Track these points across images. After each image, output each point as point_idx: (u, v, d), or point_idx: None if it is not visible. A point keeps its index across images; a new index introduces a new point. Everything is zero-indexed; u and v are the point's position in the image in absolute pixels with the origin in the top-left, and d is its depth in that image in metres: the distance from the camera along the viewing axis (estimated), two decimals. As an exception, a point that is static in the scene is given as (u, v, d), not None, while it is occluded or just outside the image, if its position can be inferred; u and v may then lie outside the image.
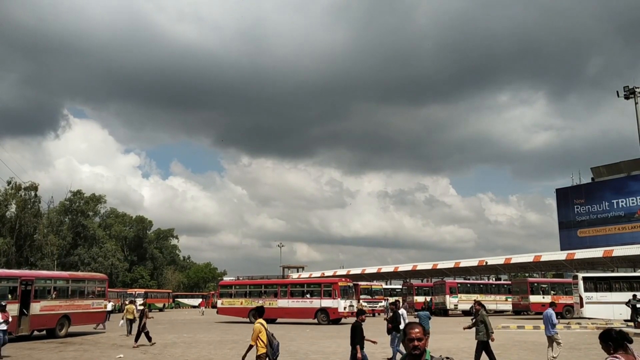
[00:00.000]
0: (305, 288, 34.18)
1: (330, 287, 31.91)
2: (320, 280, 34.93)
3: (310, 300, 31.98)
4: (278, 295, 33.38)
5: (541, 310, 39.09)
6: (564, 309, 38.52)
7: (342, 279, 36.34)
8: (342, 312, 30.41)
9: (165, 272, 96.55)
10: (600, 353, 14.27)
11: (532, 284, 40.78)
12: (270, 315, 33.18)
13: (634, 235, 48.49)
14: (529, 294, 39.29)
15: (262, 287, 35.41)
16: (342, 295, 31.18)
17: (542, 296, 39.30)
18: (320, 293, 31.93)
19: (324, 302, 31.03)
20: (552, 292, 39.89)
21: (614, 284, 31.91)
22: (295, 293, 33.16)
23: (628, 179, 53.07)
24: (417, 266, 61.57)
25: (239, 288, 36.27)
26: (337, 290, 31.10)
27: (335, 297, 30.83)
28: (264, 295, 33.98)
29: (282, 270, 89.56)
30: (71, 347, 18.92)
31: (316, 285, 34.01)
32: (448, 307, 43.78)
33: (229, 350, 17.52)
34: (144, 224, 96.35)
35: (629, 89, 28.42)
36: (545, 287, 40.89)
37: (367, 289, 44.24)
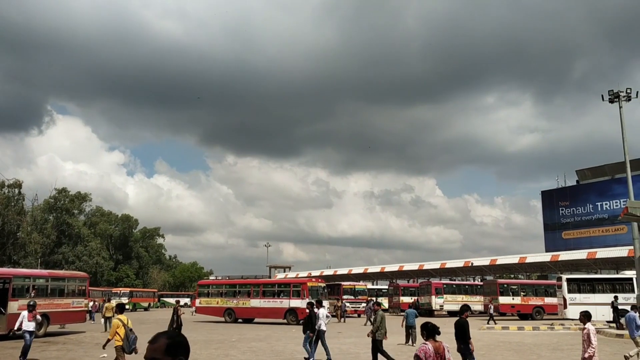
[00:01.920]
0: (276, 288, 34.13)
1: (299, 287, 31.98)
2: (289, 280, 35.02)
3: (280, 300, 32.01)
4: (251, 295, 33.58)
5: (510, 311, 39.53)
6: (534, 310, 38.84)
7: (311, 279, 36.36)
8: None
9: (151, 271, 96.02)
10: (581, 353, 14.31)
11: (501, 285, 40.94)
12: (243, 315, 33.18)
13: (617, 238, 49.05)
14: (498, 295, 39.48)
15: (236, 287, 35.90)
16: (311, 295, 31.22)
17: (512, 297, 39.57)
18: (289, 293, 32.00)
19: (293, 303, 31.03)
20: (522, 293, 40.13)
21: (597, 285, 32.26)
22: (267, 293, 33.19)
23: (612, 182, 53.70)
24: (404, 267, 61.78)
25: (216, 288, 36.99)
26: (305, 290, 31.14)
27: (304, 297, 30.85)
28: (239, 295, 34.28)
29: (269, 270, 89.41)
30: (54, 347, 18.76)
31: (286, 286, 34.05)
32: (434, 308, 43.91)
33: (214, 350, 17.47)
34: (130, 222, 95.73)
35: (613, 92, 28.63)
36: (515, 288, 41.08)
37: (350, 289, 44.01)
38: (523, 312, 39.35)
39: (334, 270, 71.96)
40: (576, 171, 59.66)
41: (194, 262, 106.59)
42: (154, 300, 71.85)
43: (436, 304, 43.97)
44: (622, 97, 28.40)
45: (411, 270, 61.00)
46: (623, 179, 34.04)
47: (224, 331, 26.11)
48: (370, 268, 67.22)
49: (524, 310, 39.45)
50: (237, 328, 28.96)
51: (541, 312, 39.06)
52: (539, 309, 39.02)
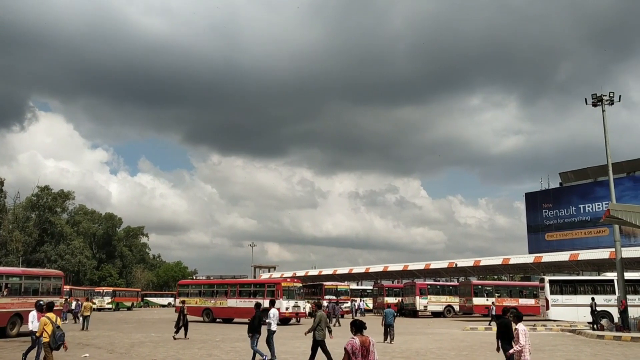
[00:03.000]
0: (252, 288, 34.05)
1: (274, 287, 31.96)
2: (264, 280, 34.98)
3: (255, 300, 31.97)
4: (228, 295, 33.59)
5: (484, 312, 39.85)
6: None
7: (287, 280, 36.29)
8: (283, 313, 30.21)
9: (135, 270, 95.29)
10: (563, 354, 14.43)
11: (475, 287, 41.16)
12: (220, 315, 33.07)
13: (599, 240, 49.62)
14: (472, 296, 39.66)
15: (214, 287, 35.99)
16: (285, 295, 31.13)
17: (486, 298, 39.79)
18: (264, 293, 31.92)
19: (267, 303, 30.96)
20: (497, 294, 40.36)
21: (578, 287, 32.55)
22: (243, 293, 33.15)
23: (594, 184, 54.31)
24: (388, 267, 61.93)
25: (195, 288, 37.15)
26: (279, 290, 31.11)
27: (277, 297, 30.83)
28: (216, 295, 34.29)
29: (254, 270, 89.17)
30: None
31: (261, 286, 33.96)
32: (418, 308, 44.11)
33: (197, 350, 17.36)
34: (114, 221, 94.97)
35: (596, 96, 28.91)
36: (489, 289, 41.30)
37: (332, 289, 43.86)
38: (497, 313, 39.40)
39: (319, 270, 71.93)
40: (559, 174, 60.30)
41: (178, 261, 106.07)
42: (138, 299, 71.30)
43: (420, 305, 44.14)
44: (605, 100, 28.68)
45: (396, 270, 61.17)
46: (605, 182, 34.49)
47: (207, 331, 25.97)
48: (355, 268, 67.31)
49: (498, 311, 39.40)
50: (221, 328, 28.83)
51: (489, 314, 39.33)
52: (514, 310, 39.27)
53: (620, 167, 49.39)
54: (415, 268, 58.80)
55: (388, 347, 18.68)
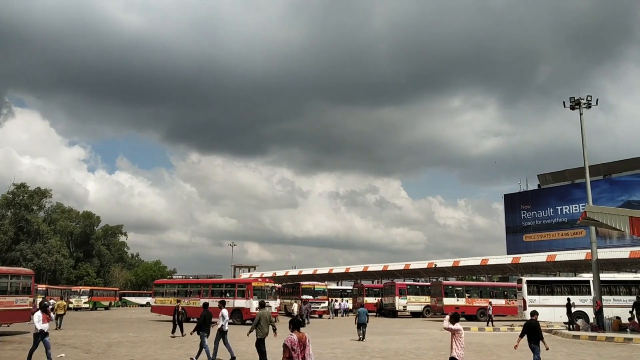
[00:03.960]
0: (223, 288, 33.95)
1: (244, 287, 31.93)
2: (235, 280, 34.86)
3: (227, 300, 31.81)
4: (201, 294, 33.43)
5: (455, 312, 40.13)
6: (478, 312, 39.39)
7: (258, 279, 36.17)
8: (253, 313, 30.12)
9: (113, 269, 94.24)
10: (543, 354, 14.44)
11: (446, 287, 41.31)
12: (193, 314, 32.64)
13: (576, 241, 50.32)
14: (442, 297, 39.89)
15: (188, 286, 35.87)
16: (256, 295, 31.09)
17: (456, 299, 40.09)
18: (234, 293, 31.88)
19: (237, 303, 30.86)
20: (467, 294, 40.64)
21: (555, 287, 32.98)
22: (215, 293, 32.96)
23: (572, 186, 55.05)
24: (368, 267, 62.11)
25: (170, 287, 37.15)
26: (250, 290, 31.12)
27: (248, 297, 30.71)
28: (190, 294, 34.13)
29: (233, 269, 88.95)
30: (9, 346, 18.22)
31: (232, 286, 33.81)
32: (397, 309, 44.28)
33: (175, 350, 17.22)
34: (92, 219, 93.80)
35: (574, 99, 29.30)
36: (460, 289, 41.54)
37: (309, 289, 43.74)
38: (468, 313, 39.71)
39: (299, 270, 71.92)
40: (538, 175, 60.97)
41: (157, 260, 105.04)
42: (115, 299, 70.52)
43: (399, 305, 44.31)
44: (582, 104, 29.07)
45: (376, 271, 61.37)
46: (582, 184, 34.94)
47: (186, 331, 25.74)
48: (335, 268, 67.39)
49: (469, 311, 39.81)
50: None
51: (485, 314, 39.59)
52: (484, 311, 39.56)
53: (597, 170, 50.12)
54: (395, 268, 59.03)
55: (367, 347, 18.73)
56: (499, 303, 40.26)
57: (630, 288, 30.73)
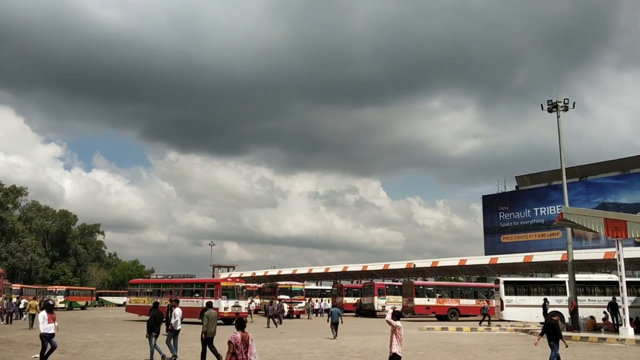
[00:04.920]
0: (194, 288, 33.79)
1: (214, 287, 31.87)
2: (204, 280, 34.72)
3: (197, 300, 31.71)
4: (172, 294, 33.27)
5: (425, 312, 40.45)
6: (449, 312, 39.66)
7: (227, 279, 36.04)
8: (222, 313, 30.12)
9: (90, 269, 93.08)
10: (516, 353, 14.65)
11: (417, 287, 41.44)
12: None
13: (552, 242, 51.05)
14: (414, 297, 40.01)
15: (161, 286, 35.86)
16: (225, 295, 31.02)
17: (427, 299, 40.29)
18: (204, 293, 31.80)
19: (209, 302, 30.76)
20: (438, 295, 40.77)
21: (532, 288, 33.36)
22: (186, 293, 32.90)
23: (549, 188, 55.83)
24: (348, 267, 62.26)
25: (144, 287, 37.29)
26: (219, 290, 31.06)
27: (217, 297, 30.68)
28: (163, 294, 33.98)
29: (212, 269, 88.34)
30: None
31: (201, 285, 33.62)
32: (376, 309, 44.42)
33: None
34: (68, 218, 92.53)
35: (552, 102, 29.68)
36: (431, 290, 41.75)
37: (286, 289, 43.57)
38: (438, 313, 39.96)
39: (279, 270, 71.79)
40: (516, 177, 61.69)
41: (135, 260, 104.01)
42: (92, 298, 69.68)
43: (378, 305, 44.47)
44: (560, 107, 29.47)
45: (355, 271, 61.53)
46: (559, 186, 35.44)
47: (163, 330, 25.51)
48: (315, 268, 67.42)
49: (439, 311, 40.02)
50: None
51: (456, 314, 39.80)
52: (454, 310, 39.79)
53: (574, 172, 50.88)
54: (374, 268, 59.27)
55: (346, 347, 18.76)
56: (469, 303, 40.52)
57: (605, 289, 31.22)
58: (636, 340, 21.02)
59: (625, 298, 22.91)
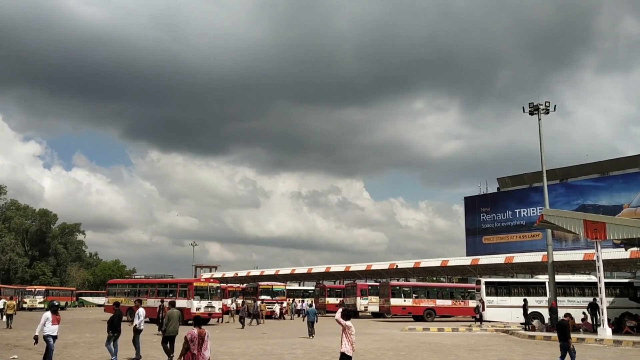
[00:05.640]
0: (168, 288, 33.59)
1: (186, 287, 31.78)
2: (177, 280, 34.64)
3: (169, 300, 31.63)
4: (148, 294, 33.32)
5: (402, 313, 40.60)
6: (425, 312, 39.80)
7: (200, 279, 35.93)
8: (194, 313, 30.03)
9: (70, 268, 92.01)
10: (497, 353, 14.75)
11: (393, 287, 41.46)
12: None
13: (533, 244, 51.57)
14: (390, 297, 40.05)
15: (137, 286, 35.81)
16: (198, 295, 30.95)
17: (403, 299, 40.33)
18: (177, 293, 31.73)
19: (179, 303, 30.43)
20: (414, 295, 40.79)
21: (513, 289, 33.64)
22: (161, 293, 32.75)
23: (530, 190, 56.44)
24: (331, 268, 62.30)
25: (122, 287, 37.38)
26: (191, 290, 30.99)
27: (189, 297, 30.51)
28: (139, 294, 33.95)
29: (194, 269, 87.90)
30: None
31: (174, 286, 33.50)
32: (358, 309, 44.50)
33: (134, 351, 16.88)
34: (48, 217, 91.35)
35: (533, 105, 30.01)
36: (407, 290, 41.75)
37: (268, 289, 43.36)
38: (415, 313, 39.96)
39: (261, 270, 71.62)
40: (497, 179, 62.28)
41: (117, 260, 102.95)
42: (72, 299, 68.91)
43: (361, 305, 44.57)
44: (541, 109, 29.80)
45: (338, 271, 61.60)
46: (540, 188, 35.84)
47: (145, 331, 25.30)
48: (298, 269, 67.36)
49: (416, 311, 40.00)
50: (150, 328, 28.15)
51: (432, 314, 39.86)
52: (430, 311, 39.89)
53: (554, 174, 51.50)
54: (357, 269, 59.39)
55: (328, 348, 18.77)
56: (446, 304, 40.67)
57: (584, 289, 31.60)
58: (614, 340, 21.32)
59: (604, 299, 23.23)
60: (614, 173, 51.68)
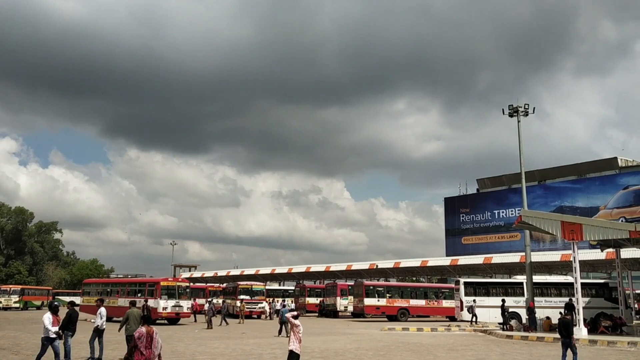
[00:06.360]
0: (137, 287, 33.55)
1: (154, 286, 31.71)
2: (146, 280, 34.44)
3: (139, 300, 31.38)
4: (119, 294, 33.28)
5: (375, 312, 40.78)
6: (399, 312, 39.94)
7: (167, 279, 35.68)
8: (160, 313, 29.80)
9: (46, 268, 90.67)
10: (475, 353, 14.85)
11: (367, 287, 41.38)
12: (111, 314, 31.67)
13: (512, 244, 52.16)
14: (364, 297, 40.05)
15: (109, 286, 35.87)
16: (166, 295, 30.88)
17: (377, 299, 40.40)
18: (144, 293, 31.68)
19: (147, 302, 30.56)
20: (388, 295, 40.87)
21: (491, 289, 33.99)
22: (130, 292, 32.71)
23: (509, 191, 57.03)
24: (311, 268, 62.32)
25: (96, 287, 37.34)
26: (158, 290, 30.92)
27: (156, 296, 30.41)
28: (113, 294, 33.99)
29: (174, 269, 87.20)
30: None
31: (142, 285, 33.40)
32: (338, 309, 44.54)
33: (110, 352, 16.72)
34: (24, 215, 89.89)
35: (513, 107, 30.33)
36: (381, 290, 41.86)
37: (247, 289, 43.06)
38: (388, 313, 40.02)
39: (241, 270, 71.36)
40: (477, 180, 62.86)
41: (94, 259, 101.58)
42: (48, 298, 67.80)
43: (341, 305, 44.62)
44: (520, 112, 30.13)
45: (318, 271, 61.62)
46: (519, 189, 36.22)
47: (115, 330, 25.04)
48: (278, 269, 67.26)
49: (389, 311, 40.04)
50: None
51: (406, 314, 39.97)
52: (404, 311, 40.01)
53: (533, 176, 52.12)
54: (337, 269, 59.47)
55: (307, 348, 18.73)
56: (419, 303, 40.82)
57: (561, 290, 32.05)
58: (589, 340, 21.62)
59: (580, 299, 23.56)
60: (590, 175, 52.49)
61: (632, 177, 49.16)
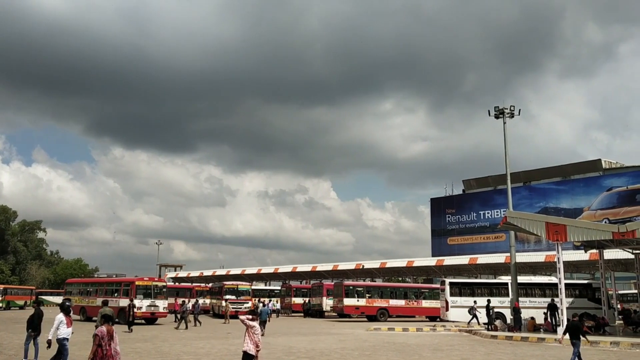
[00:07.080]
0: (114, 287, 33.36)
1: (129, 286, 31.67)
2: (121, 280, 34.25)
3: (115, 299, 31.27)
4: (97, 294, 33.20)
5: (355, 312, 40.82)
6: (378, 312, 39.97)
7: (143, 279, 35.47)
8: (135, 312, 29.68)
9: (30, 267, 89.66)
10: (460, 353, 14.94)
11: (347, 287, 41.30)
12: (91, 313, 31.71)
13: (497, 245, 52.46)
14: (343, 297, 39.99)
15: (89, 285, 35.89)
16: (142, 294, 30.85)
17: (357, 299, 40.34)
18: (120, 292, 31.67)
19: (122, 302, 30.29)
20: (367, 295, 40.74)
21: (476, 289, 34.20)
22: (108, 292, 32.65)
23: (494, 192, 57.37)
24: (297, 268, 62.26)
25: (77, 286, 37.44)
26: (133, 289, 30.87)
27: (131, 296, 30.27)
28: (92, 294, 34.06)
29: (159, 268, 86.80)
30: None
31: (118, 285, 33.20)
32: (324, 309, 44.53)
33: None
34: (7, 214, 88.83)
35: (499, 109, 30.54)
36: (361, 290, 41.72)
37: (232, 289, 42.67)
38: (368, 313, 39.97)
39: (227, 270, 71.13)
40: (463, 181, 63.15)
41: (78, 258, 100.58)
42: (31, 298, 67.06)
43: (327, 305, 44.60)
44: (506, 113, 30.35)
45: (304, 271, 61.60)
46: (504, 190, 36.44)
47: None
48: (264, 269, 67.14)
49: (369, 311, 39.96)
50: (121, 327, 27.69)
51: (385, 314, 39.93)
52: (384, 311, 40.01)
53: (518, 177, 52.47)
54: (323, 269, 59.48)
55: (293, 348, 18.73)
56: (399, 304, 40.73)
57: (545, 290, 32.35)
58: (573, 340, 21.79)
59: (564, 300, 23.80)
60: (575, 177, 52.95)
61: (616, 178, 49.67)
